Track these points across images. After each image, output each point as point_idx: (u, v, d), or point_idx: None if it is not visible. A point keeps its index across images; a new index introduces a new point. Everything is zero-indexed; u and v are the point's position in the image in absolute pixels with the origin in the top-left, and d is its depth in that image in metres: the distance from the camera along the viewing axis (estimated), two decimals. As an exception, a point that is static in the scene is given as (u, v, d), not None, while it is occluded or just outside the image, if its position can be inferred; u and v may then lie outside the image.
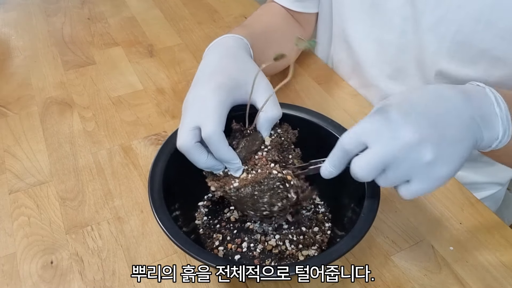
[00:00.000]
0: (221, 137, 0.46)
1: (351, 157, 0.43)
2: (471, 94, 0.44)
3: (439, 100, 0.42)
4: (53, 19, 1.01)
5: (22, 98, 0.79)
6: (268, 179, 0.46)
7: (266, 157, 0.48)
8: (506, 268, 0.54)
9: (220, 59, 0.55)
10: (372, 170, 0.40)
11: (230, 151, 0.47)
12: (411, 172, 0.40)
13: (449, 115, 0.41)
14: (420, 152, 0.39)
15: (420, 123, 0.40)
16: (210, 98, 0.48)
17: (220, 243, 0.55)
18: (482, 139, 0.43)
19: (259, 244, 0.54)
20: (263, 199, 0.47)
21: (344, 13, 0.76)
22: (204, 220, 0.57)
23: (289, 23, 0.79)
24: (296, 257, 0.53)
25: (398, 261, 0.55)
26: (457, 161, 0.41)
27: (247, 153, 0.49)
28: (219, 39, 0.59)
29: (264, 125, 0.49)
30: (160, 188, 0.49)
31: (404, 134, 0.39)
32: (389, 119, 0.40)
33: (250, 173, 0.48)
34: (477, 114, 0.42)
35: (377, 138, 0.40)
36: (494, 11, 0.56)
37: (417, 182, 0.41)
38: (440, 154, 0.39)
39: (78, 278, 0.53)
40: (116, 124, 0.74)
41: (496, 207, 0.87)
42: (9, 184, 0.64)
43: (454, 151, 0.41)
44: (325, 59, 0.89)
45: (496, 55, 0.59)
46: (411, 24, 0.66)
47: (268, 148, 0.49)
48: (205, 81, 0.51)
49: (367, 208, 0.48)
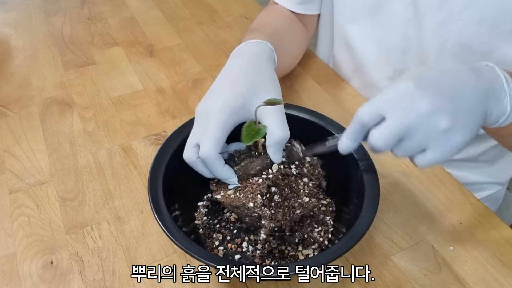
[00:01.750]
0: (215, 158, 0.48)
1: (367, 129, 0.44)
2: (483, 70, 0.46)
3: (453, 74, 0.44)
4: (53, 19, 1.01)
5: (22, 98, 0.79)
6: (243, 208, 0.47)
7: (258, 185, 0.47)
8: (506, 268, 0.54)
9: (238, 70, 0.55)
10: (389, 140, 0.42)
11: (225, 171, 0.48)
12: (427, 140, 0.42)
13: (463, 88, 0.43)
14: (436, 121, 0.41)
15: (435, 94, 0.42)
16: (213, 116, 0.49)
17: (220, 243, 0.55)
18: (492, 113, 0.45)
19: (259, 244, 0.54)
20: (245, 219, 0.50)
21: (346, 14, 0.76)
22: (204, 220, 0.57)
23: (295, 23, 0.79)
24: (296, 257, 0.53)
25: (398, 261, 0.55)
26: (471, 130, 0.43)
27: (244, 173, 0.49)
28: (242, 45, 0.59)
29: (270, 148, 0.48)
30: (160, 188, 0.49)
31: (420, 104, 0.41)
32: (406, 91, 0.42)
33: (235, 194, 0.49)
34: (488, 88, 0.44)
35: (394, 109, 0.42)
36: (496, 14, 0.56)
37: (433, 150, 0.42)
38: (455, 123, 0.41)
39: (78, 278, 0.53)
40: (116, 124, 0.74)
41: (496, 207, 0.87)
42: (9, 184, 0.64)
43: (468, 121, 0.42)
44: (326, 59, 0.89)
45: (498, 58, 0.59)
46: (413, 25, 0.66)
47: (269, 176, 0.48)
48: (217, 92, 0.52)
49: (366, 208, 0.48)
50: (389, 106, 0.42)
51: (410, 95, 0.42)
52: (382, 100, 0.43)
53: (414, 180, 0.64)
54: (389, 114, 0.42)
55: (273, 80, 0.56)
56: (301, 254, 0.53)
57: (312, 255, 0.53)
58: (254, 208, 0.47)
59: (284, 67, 0.75)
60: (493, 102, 0.44)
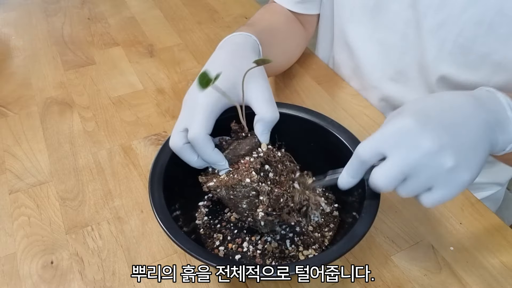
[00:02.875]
0: (205, 139, 0.46)
1: (368, 166, 0.43)
2: (484, 99, 0.44)
3: (454, 107, 0.43)
4: (53, 19, 1.01)
5: (22, 98, 0.79)
6: (240, 186, 0.46)
7: (250, 163, 0.47)
8: (506, 268, 0.54)
9: (224, 58, 0.55)
10: (393, 180, 0.40)
11: (214, 154, 0.47)
12: (433, 180, 0.40)
13: (465, 121, 0.42)
14: (441, 160, 0.39)
15: (438, 131, 0.40)
16: (201, 100, 0.48)
17: (221, 243, 0.55)
18: (497, 143, 0.43)
19: (259, 244, 0.54)
20: (242, 205, 0.47)
21: (346, 15, 0.76)
22: (205, 220, 0.57)
23: (292, 22, 0.79)
24: (297, 257, 0.53)
25: (398, 261, 0.55)
26: (477, 166, 0.41)
27: (234, 156, 0.48)
28: (227, 37, 0.59)
29: (258, 128, 0.48)
30: (160, 188, 0.49)
31: (423, 143, 0.39)
32: (407, 128, 0.40)
33: (229, 176, 0.47)
34: (491, 118, 0.43)
35: (396, 147, 0.40)
36: (496, 16, 0.56)
37: (440, 189, 0.41)
38: (460, 160, 0.40)
39: (78, 278, 0.53)
40: (116, 124, 0.74)
41: (496, 207, 0.87)
42: (9, 184, 0.64)
43: (474, 156, 0.41)
44: (326, 59, 0.89)
45: (497, 60, 0.59)
46: (413, 27, 0.66)
47: (260, 154, 0.48)
48: None
49: (367, 208, 0.48)
50: (390, 144, 0.40)
51: (411, 132, 0.40)
52: (382, 137, 0.41)
53: (414, 180, 0.64)
54: (390, 153, 0.40)
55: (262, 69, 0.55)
56: (301, 255, 0.53)
57: (312, 255, 0.53)
58: (252, 183, 0.45)
59: (277, 64, 0.75)
60: (498, 131, 0.43)
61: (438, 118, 0.41)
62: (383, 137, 0.41)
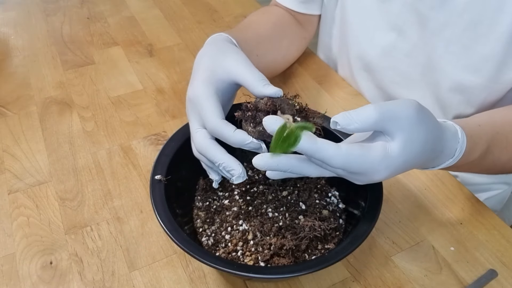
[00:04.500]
0: (223, 123, 0.45)
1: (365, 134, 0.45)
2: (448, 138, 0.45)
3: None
4: (53, 19, 1.01)
5: (21, 98, 0.79)
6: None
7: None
8: (507, 268, 0.53)
9: (205, 54, 0.54)
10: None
11: (238, 133, 0.45)
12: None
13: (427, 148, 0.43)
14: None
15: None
16: (201, 94, 0.48)
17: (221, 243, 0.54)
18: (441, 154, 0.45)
19: (260, 243, 0.54)
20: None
21: (347, 16, 0.76)
22: (205, 220, 0.57)
23: (289, 23, 0.79)
24: (297, 257, 0.53)
25: (398, 262, 0.54)
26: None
27: (255, 129, 0.45)
28: (208, 39, 0.60)
29: (257, 90, 0.47)
30: (161, 188, 0.49)
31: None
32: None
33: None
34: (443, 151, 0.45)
35: None
36: (497, 15, 0.56)
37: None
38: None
39: (77, 278, 0.53)
40: (115, 124, 0.74)
41: (501, 206, 0.87)
42: (8, 184, 0.64)
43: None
44: (326, 59, 0.89)
45: (500, 60, 0.59)
46: (416, 28, 0.66)
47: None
48: (194, 79, 0.51)
49: (368, 210, 0.48)
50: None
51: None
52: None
53: (414, 180, 0.64)
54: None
55: (236, 50, 0.54)
56: (302, 255, 0.53)
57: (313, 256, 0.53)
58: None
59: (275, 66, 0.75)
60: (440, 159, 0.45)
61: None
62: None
